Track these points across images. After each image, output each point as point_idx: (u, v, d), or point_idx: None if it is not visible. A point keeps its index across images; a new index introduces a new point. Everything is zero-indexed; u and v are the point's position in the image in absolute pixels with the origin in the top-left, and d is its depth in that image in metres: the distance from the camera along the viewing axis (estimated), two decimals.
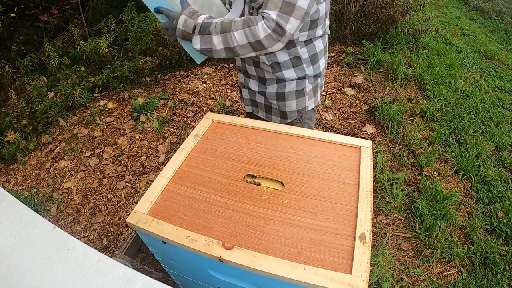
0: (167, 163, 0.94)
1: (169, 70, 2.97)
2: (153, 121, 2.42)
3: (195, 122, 2.44)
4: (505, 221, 1.76)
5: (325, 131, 1.52)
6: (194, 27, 0.89)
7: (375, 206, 1.82)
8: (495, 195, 1.91)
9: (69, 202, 1.98)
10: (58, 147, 2.35)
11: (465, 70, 3.14)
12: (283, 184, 0.87)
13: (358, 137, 1.88)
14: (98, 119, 2.50)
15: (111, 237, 1.77)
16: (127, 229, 1.79)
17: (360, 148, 0.98)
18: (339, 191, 0.84)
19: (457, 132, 2.33)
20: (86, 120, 2.51)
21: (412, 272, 1.55)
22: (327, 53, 1.12)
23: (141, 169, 2.13)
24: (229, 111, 2.52)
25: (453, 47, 3.58)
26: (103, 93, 2.76)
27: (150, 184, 1.40)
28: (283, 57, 1.01)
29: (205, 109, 2.55)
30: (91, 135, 2.40)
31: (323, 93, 2.62)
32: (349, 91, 2.62)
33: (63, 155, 2.27)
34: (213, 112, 2.43)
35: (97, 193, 2.01)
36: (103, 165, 2.18)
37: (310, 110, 1.18)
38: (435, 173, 2.02)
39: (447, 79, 2.85)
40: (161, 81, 2.88)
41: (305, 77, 1.07)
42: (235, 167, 0.91)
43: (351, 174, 0.90)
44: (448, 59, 3.18)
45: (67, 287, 0.40)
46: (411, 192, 1.90)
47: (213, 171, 0.91)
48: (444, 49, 3.39)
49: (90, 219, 1.87)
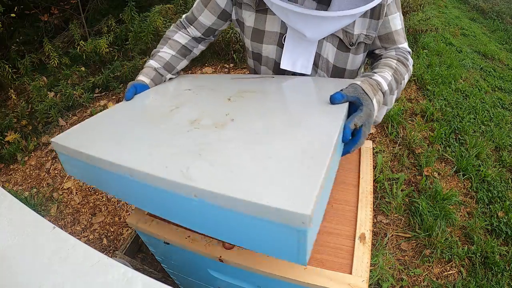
0: None
1: None
2: None
3: None
4: (505, 221, 1.76)
5: None
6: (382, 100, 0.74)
7: (375, 206, 1.82)
8: (495, 195, 1.91)
9: (69, 202, 1.98)
10: None
11: (465, 70, 3.14)
12: None
13: None
14: None
15: (111, 237, 1.77)
16: (127, 229, 1.79)
17: (360, 148, 0.98)
18: (339, 191, 0.84)
19: (457, 132, 2.33)
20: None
21: (412, 272, 1.55)
22: None
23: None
24: None
25: (453, 47, 3.58)
26: (103, 93, 2.76)
27: None
28: None
29: None
30: None
31: None
32: None
33: None
34: None
35: (97, 193, 2.01)
36: None
37: None
38: (435, 173, 2.02)
39: (447, 79, 2.85)
40: None
41: None
42: None
43: (351, 174, 0.90)
44: (448, 59, 3.18)
45: (67, 287, 0.40)
46: (411, 192, 1.90)
47: None
48: (444, 49, 3.40)
49: (90, 219, 1.87)
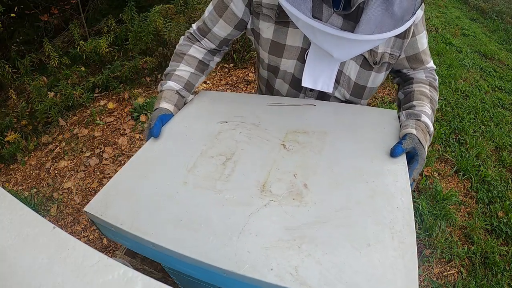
0: None
1: None
2: None
3: None
4: (505, 221, 1.76)
5: None
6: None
7: None
8: (495, 195, 1.91)
9: (69, 202, 1.98)
10: (58, 147, 2.35)
11: (465, 70, 3.14)
12: None
13: None
14: (98, 119, 2.50)
15: None
16: None
17: None
18: None
19: (457, 132, 2.33)
20: (86, 120, 2.51)
21: None
22: None
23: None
24: None
25: (453, 47, 3.58)
26: (103, 93, 2.76)
27: None
28: None
29: None
30: (91, 135, 2.40)
31: None
32: None
33: (63, 155, 2.27)
34: None
35: (97, 193, 2.01)
36: (103, 165, 2.18)
37: None
38: (435, 173, 2.02)
39: (447, 79, 2.85)
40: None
41: None
42: None
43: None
44: (448, 59, 3.18)
45: (67, 287, 0.40)
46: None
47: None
48: (444, 49, 3.40)
49: (90, 219, 1.87)
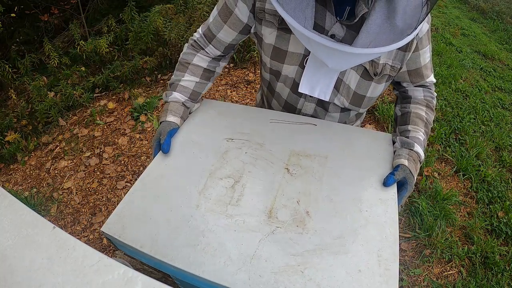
0: None
1: (169, 70, 2.98)
2: (153, 121, 2.42)
3: None
4: (505, 221, 1.76)
5: None
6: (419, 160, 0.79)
7: None
8: (495, 195, 1.91)
9: (69, 202, 1.98)
10: (58, 147, 2.35)
11: (465, 70, 3.14)
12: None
13: None
14: (98, 119, 2.50)
15: None
16: None
17: None
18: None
19: (457, 132, 2.33)
20: (86, 120, 2.51)
21: (412, 272, 1.55)
22: None
23: (141, 169, 2.13)
24: None
25: (453, 47, 3.58)
26: (103, 93, 2.76)
27: None
28: None
29: None
30: (91, 135, 2.40)
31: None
32: None
33: (63, 155, 2.27)
34: None
35: (97, 193, 2.01)
36: (103, 165, 2.18)
37: None
38: (435, 173, 2.02)
39: (447, 79, 2.85)
40: (161, 81, 2.88)
41: None
42: None
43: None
44: (448, 59, 3.18)
45: (67, 287, 0.40)
46: None
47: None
48: (444, 49, 3.40)
49: (90, 219, 1.87)
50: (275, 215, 0.64)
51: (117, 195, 1.98)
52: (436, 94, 0.88)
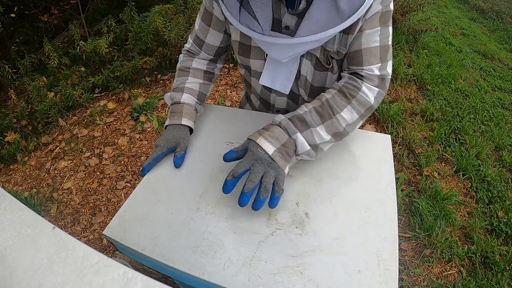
0: None
1: (169, 70, 2.98)
2: (153, 121, 2.42)
3: None
4: (505, 221, 1.76)
5: None
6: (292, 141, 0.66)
7: None
8: (495, 195, 1.91)
9: (69, 202, 1.98)
10: (58, 147, 2.35)
11: (465, 70, 3.14)
12: None
13: None
14: (98, 119, 2.50)
15: None
16: None
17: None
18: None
19: (457, 132, 2.33)
20: (86, 120, 2.51)
21: (412, 272, 1.55)
22: None
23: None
24: None
25: (453, 47, 3.58)
26: (103, 93, 2.76)
27: None
28: None
29: None
30: (91, 135, 2.40)
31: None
32: None
33: (63, 155, 2.27)
34: None
35: (97, 193, 2.01)
36: (103, 165, 2.18)
37: None
38: (435, 173, 2.02)
39: (447, 79, 2.86)
40: (161, 81, 2.88)
41: None
42: None
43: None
44: (448, 59, 3.19)
45: (67, 287, 0.40)
46: (411, 192, 1.90)
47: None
48: (444, 49, 3.40)
49: (90, 219, 1.87)
50: (274, 217, 0.65)
51: (117, 195, 1.98)
52: (376, 89, 0.70)
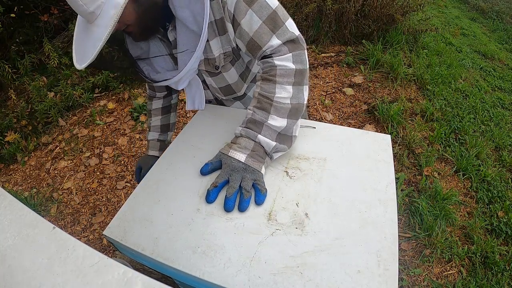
0: None
1: None
2: None
3: None
4: (505, 221, 1.76)
5: None
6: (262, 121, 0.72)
7: None
8: (495, 195, 1.91)
9: (69, 202, 1.98)
10: (58, 147, 2.35)
11: (465, 70, 3.14)
12: None
13: None
14: (98, 119, 2.50)
15: None
16: None
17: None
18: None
19: (457, 132, 2.33)
20: (86, 120, 2.51)
21: (412, 272, 1.55)
22: None
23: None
24: None
25: (453, 47, 3.58)
26: (103, 93, 2.76)
27: None
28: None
29: None
30: (91, 135, 2.40)
31: (323, 93, 2.62)
32: (349, 91, 2.62)
33: (63, 155, 2.27)
34: None
35: (97, 193, 2.01)
36: (103, 165, 2.18)
37: None
38: (435, 173, 2.02)
39: (447, 79, 2.85)
40: None
41: None
42: None
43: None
44: (448, 59, 3.18)
45: (67, 287, 0.40)
46: (411, 192, 1.90)
47: None
48: (444, 49, 3.39)
49: (90, 219, 1.87)
50: (275, 217, 0.65)
51: (117, 195, 1.98)
52: (289, 54, 0.71)
